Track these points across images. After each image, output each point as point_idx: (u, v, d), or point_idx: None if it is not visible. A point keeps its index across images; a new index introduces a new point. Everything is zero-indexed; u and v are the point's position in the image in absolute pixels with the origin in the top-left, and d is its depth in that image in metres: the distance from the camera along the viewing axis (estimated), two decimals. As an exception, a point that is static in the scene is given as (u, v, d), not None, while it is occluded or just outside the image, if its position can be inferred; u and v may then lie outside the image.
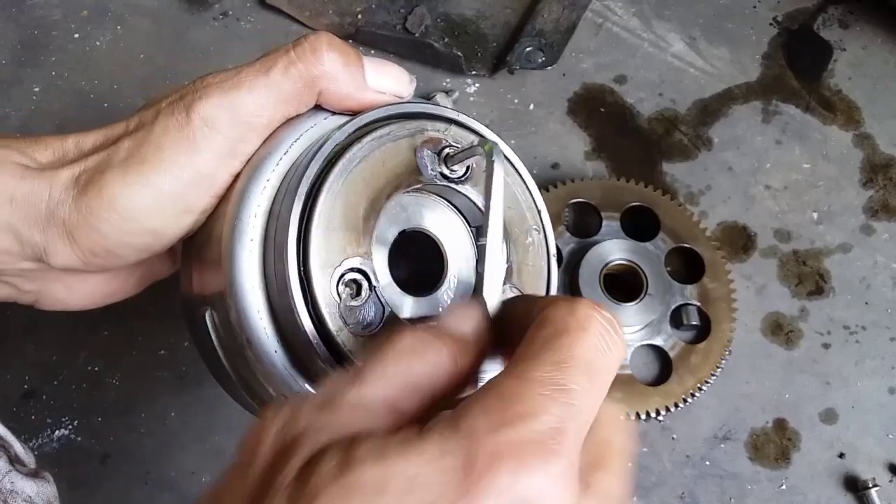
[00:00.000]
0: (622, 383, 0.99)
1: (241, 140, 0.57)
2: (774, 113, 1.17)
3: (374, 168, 0.55)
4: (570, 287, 1.01)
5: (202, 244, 0.60)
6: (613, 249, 1.02)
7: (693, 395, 0.99)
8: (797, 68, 1.21)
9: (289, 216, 0.52)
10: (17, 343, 1.01)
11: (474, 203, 0.59)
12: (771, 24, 1.24)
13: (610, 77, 1.20)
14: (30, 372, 1.00)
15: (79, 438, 0.97)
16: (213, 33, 1.21)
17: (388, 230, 0.59)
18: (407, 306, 0.59)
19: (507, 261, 0.58)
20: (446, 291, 0.61)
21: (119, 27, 1.21)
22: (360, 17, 1.21)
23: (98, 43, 1.20)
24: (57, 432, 0.97)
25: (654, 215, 1.06)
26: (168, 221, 0.59)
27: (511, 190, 0.60)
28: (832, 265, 1.08)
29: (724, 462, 0.98)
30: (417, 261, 0.62)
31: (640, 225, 1.06)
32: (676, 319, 1.02)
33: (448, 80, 1.17)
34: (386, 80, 0.60)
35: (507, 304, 0.50)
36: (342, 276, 0.53)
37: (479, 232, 0.48)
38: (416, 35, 1.17)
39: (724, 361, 1.01)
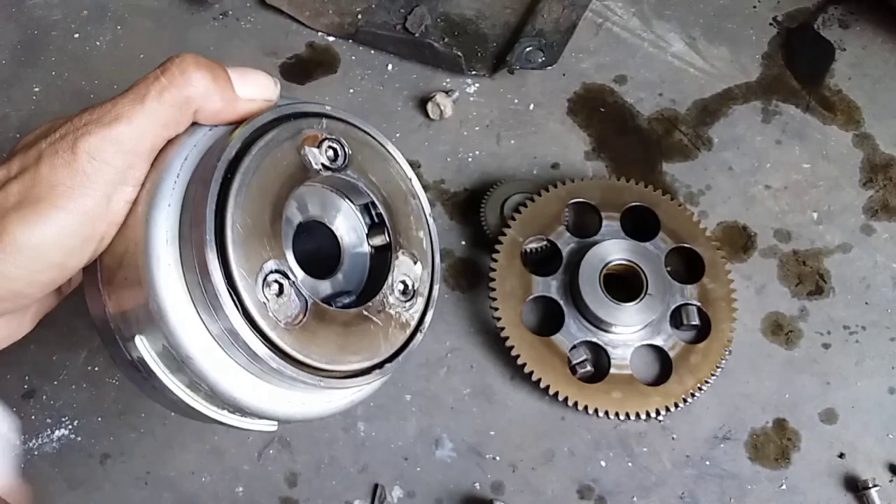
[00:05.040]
0: (622, 383, 0.99)
1: (130, 167, 0.60)
2: (774, 113, 1.18)
3: (268, 174, 0.60)
4: (570, 287, 1.01)
5: (113, 269, 0.62)
6: (613, 249, 1.02)
7: (693, 395, 0.99)
8: (797, 68, 1.21)
9: (203, 239, 0.56)
10: (17, 343, 1.01)
11: (355, 183, 0.65)
12: (771, 24, 1.24)
13: (610, 77, 1.20)
14: (30, 372, 1.00)
15: (79, 438, 0.97)
16: (213, 33, 1.21)
17: (288, 227, 0.64)
18: (321, 289, 0.66)
19: (395, 232, 0.66)
20: (344, 269, 0.68)
21: (119, 27, 1.21)
22: (360, 17, 1.21)
23: (98, 43, 1.20)
24: (57, 432, 0.97)
25: (654, 215, 1.06)
26: (72, 253, 0.60)
27: (384, 167, 0.67)
28: (832, 265, 1.08)
29: (724, 462, 0.98)
30: (315, 245, 0.68)
31: (640, 225, 1.06)
32: (676, 319, 1.02)
33: (448, 80, 1.17)
34: (253, 89, 0.63)
35: None
36: (265, 279, 0.57)
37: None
38: (416, 35, 1.17)
39: (724, 361, 1.01)
